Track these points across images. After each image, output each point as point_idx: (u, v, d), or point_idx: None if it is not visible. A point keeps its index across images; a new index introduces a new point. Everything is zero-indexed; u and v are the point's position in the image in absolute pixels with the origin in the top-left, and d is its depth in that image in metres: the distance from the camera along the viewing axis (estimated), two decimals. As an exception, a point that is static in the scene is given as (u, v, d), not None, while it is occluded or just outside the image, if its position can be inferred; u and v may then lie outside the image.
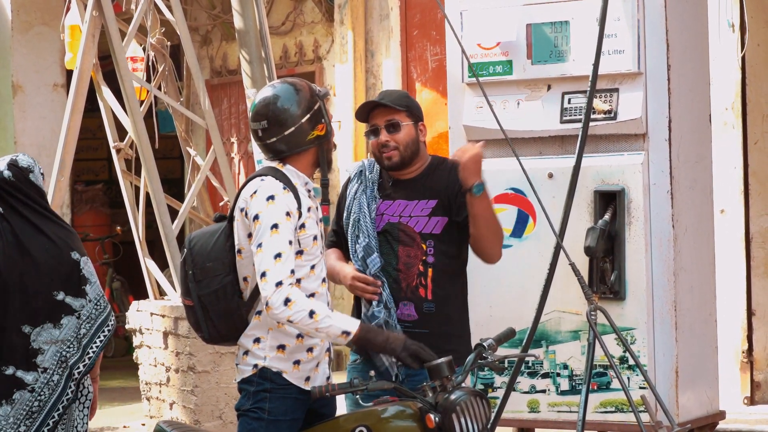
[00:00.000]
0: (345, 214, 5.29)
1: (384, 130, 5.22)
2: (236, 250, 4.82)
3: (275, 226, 4.68)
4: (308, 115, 4.84)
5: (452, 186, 5.21)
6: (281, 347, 4.77)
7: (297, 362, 4.79)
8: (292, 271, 4.67)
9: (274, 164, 4.89)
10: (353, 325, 4.65)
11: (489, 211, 5.19)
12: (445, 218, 5.19)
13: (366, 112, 5.28)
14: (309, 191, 4.89)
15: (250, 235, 4.76)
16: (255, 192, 4.75)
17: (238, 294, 4.83)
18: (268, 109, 4.83)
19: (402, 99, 5.28)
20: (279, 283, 4.62)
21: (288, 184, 4.78)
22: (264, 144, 4.86)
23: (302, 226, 4.77)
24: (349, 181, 5.38)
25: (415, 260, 5.18)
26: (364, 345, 4.72)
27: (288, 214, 4.71)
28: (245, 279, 4.83)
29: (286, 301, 4.61)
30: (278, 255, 4.65)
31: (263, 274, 4.64)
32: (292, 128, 4.82)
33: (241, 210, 4.78)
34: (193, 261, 4.86)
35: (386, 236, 5.21)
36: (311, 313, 4.61)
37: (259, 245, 4.68)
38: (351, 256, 5.27)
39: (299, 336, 4.80)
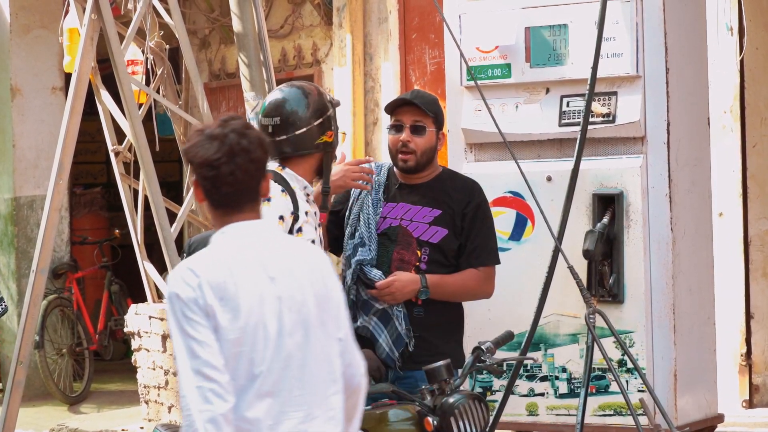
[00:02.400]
0: (347, 213, 5.28)
1: (408, 129, 5.21)
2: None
3: None
4: (320, 120, 4.85)
5: (459, 203, 5.20)
6: (280, 350, 4.77)
7: (296, 365, 4.79)
8: None
9: (274, 167, 4.90)
10: None
11: (447, 294, 5.19)
12: (446, 230, 5.18)
13: (394, 106, 5.27)
14: (308, 195, 4.89)
15: None
16: None
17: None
18: (281, 108, 4.85)
19: (433, 104, 5.25)
20: None
21: (286, 187, 4.78)
22: (272, 141, 4.86)
23: (299, 230, 4.77)
24: None
25: (407, 266, 5.17)
26: None
27: (281, 218, 4.71)
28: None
29: None
30: None
31: None
32: (303, 129, 4.83)
33: None
34: (192, 265, 4.86)
35: (383, 239, 5.20)
36: None
37: None
38: (342, 251, 5.25)
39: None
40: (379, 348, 5.06)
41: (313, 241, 4.82)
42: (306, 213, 4.82)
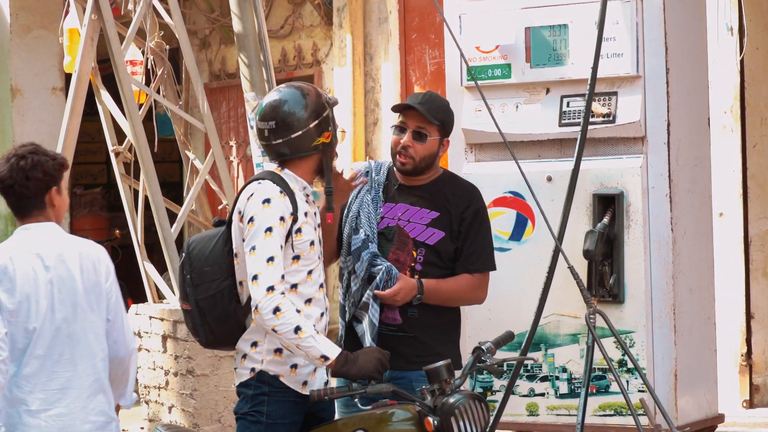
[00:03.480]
0: (345, 211, 5.28)
1: (410, 133, 5.19)
2: (234, 254, 4.82)
3: (269, 229, 4.67)
4: (317, 121, 4.83)
5: (458, 207, 5.19)
6: (278, 351, 4.77)
7: (294, 366, 4.78)
8: (282, 276, 4.67)
9: (273, 168, 4.89)
10: (333, 353, 4.65)
11: (441, 299, 5.17)
12: (442, 233, 5.17)
13: (401, 108, 5.25)
14: (307, 195, 4.88)
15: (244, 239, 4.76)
16: (251, 195, 4.75)
17: (236, 299, 4.83)
18: (277, 111, 4.82)
19: (441, 112, 5.21)
20: (271, 288, 4.62)
21: (285, 188, 4.77)
22: (269, 145, 4.85)
23: (299, 230, 4.76)
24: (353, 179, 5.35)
25: (403, 266, 5.16)
26: (339, 375, 4.73)
27: (282, 218, 4.71)
28: (241, 283, 4.83)
29: (276, 309, 4.61)
30: (271, 258, 4.65)
31: (255, 277, 4.64)
32: (300, 132, 4.81)
33: (239, 213, 4.78)
34: (191, 265, 4.86)
35: (380, 238, 5.20)
36: (296, 329, 4.61)
37: (253, 248, 4.67)
38: (342, 250, 5.24)
39: (295, 341, 4.80)
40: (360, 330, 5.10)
41: (312, 243, 4.81)
42: (305, 213, 4.80)
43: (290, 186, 4.80)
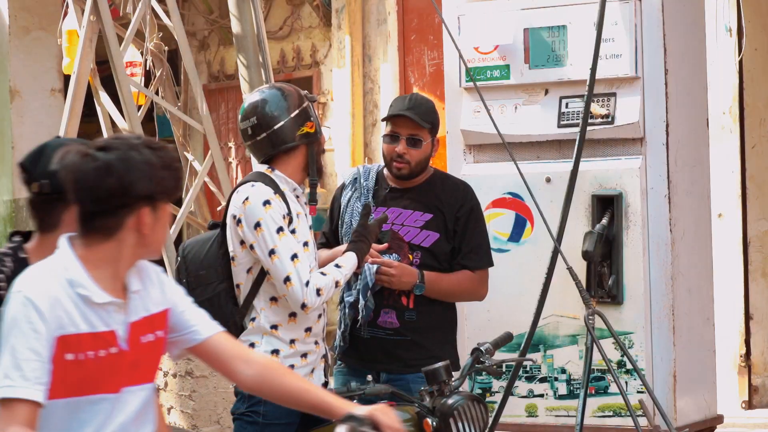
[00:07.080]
0: (339, 222, 5.28)
1: (404, 141, 5.19)
2: (230, 257, 4.82)
3: (280, 229, 4.70)
4: (297, 111, 4.85)
5: (451, 206, 5.19)
6: (275, 352, 4.77)
7: (291, 367, 4.78)
8: (310, 265, 4.74)
9: (263, 170, 4.89)
10: (353, 258, 4.86)
11: (442, 292, 5.18)
12: (437, 234, 5.17)
13: (390, 116, 5.25)
14: (297, 197, 4.88)
15: (242, 243, 4.76)
16: (247, 198, 4.74)
17: (233, 301, 4.83)
18: (257, 108, 4.86)
19: (429, 114, 5.21)
20: (306, 284, 4.66)
21: (276, 190, 4.77)
22: (254, 143, 4.87)
23: (293, 231, 4.77)
24: (342, 187, 5.36)
25: None
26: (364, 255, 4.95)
27: (284, 217, 4.73)
28: (237, 286, 4.83)
29: (317, 292, 4.71)
30: (295, 256, 4.70)
31: (288, 279, 4.68)
32: (281, 123, 4.83)
33: (234, 217, 4.77)
34: (186, 269, 4.87)
35: (375, 243, 5.19)
36: (336, 284, 4.78)
37: (272, 251, 4.67)
38: None
39: (292, 342, 4.80)
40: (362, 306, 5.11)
41: (306, 243, 4.82)
42: (297, 215, 4.81)
43: (281, 188, 4.80)
